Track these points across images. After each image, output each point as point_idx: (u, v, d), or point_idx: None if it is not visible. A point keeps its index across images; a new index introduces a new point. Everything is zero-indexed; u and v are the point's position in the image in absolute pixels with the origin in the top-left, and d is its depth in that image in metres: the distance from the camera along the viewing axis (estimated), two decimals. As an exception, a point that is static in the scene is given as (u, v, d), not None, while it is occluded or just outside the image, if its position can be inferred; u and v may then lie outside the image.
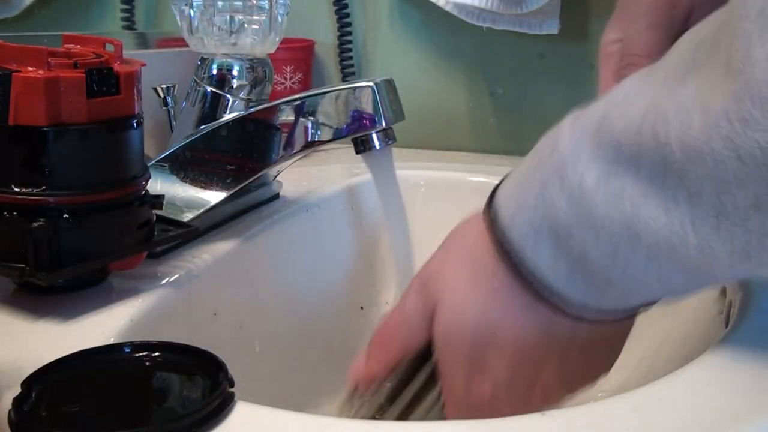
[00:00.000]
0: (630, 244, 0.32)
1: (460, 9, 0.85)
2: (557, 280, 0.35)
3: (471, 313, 0.38)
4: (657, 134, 0.30)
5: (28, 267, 0.41)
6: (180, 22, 0.59)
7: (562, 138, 0.35)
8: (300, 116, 0.56)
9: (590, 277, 0.34)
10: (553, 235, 0.34)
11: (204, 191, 0.57)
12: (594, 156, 0.33)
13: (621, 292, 0.35)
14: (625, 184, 0.32)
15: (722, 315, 0.49)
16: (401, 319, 0.42)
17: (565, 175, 0.34)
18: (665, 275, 0.33)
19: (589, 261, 0.34)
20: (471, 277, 0.39)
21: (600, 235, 0.33)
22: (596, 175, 0.32)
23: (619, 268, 0.33)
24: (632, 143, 0.31)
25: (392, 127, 0.55)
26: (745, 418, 0.34)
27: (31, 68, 0.41)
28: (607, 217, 0.32)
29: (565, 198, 0.34)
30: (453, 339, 0.39)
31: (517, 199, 0.36)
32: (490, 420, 0.34)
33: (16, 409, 0.32)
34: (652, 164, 0.31)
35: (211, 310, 0.53)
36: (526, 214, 0.35)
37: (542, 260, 0.35)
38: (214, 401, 0.33)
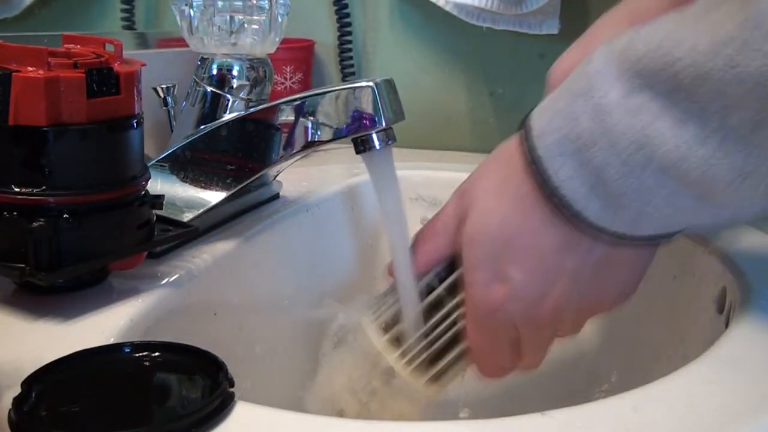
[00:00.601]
0: (645, 153, 0.35)
1: (460, 9, 0.85)
2: (577, 193, 0.38)
3: (494, 218, 0.42)
4: (672, 55, 0.33)
5: (28, 267, 0.41)
6: (180, 22, 0.59)
7: (596, 56, 0.37)
8: (300, 116, 0.56)
9: (607, 190, 0.37)
10: (575, 148, 0.37)
11: (204, 191, 0.57)
12: (619, 74, 0.36)
13: (634, 212, 0.37)
14: (643, 100, 0.34)
15: (722, 315, 0.49)
16: (438, 224, 0.46)
17: (591, 90, 0.36)
18: (675, 194, 0.35)
19: (608, 168, 0.36)
20: (500, 187, 0.42)
21: (619, 143, 0.35)
22: (619, 92, 0.35)
23: (634, 177, 0.36)
24: (650, 62, 0.34)
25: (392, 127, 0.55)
26: (745, 418, 0.34)
27: (31, 68, 0.41)
28: (625, 129, 0.35)
29: (591, 109, 0.36)
30: (475, 241, 0.42)
31: (550, 111, 0.39)
32: (491, 420, 0.34)
33: (16, 409, 0.32)
34: (667, 81, 0.34)
35: (211, 310, 0.53)
36: (554, 128, 0.38)
37: (564, 173, 0.38)
38: (214, 401, 0.33)
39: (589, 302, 0.43)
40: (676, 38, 0.33)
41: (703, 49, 0.32)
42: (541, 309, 0.42)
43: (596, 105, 0.36)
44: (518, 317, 0.43)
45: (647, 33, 0.35)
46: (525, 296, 0.42)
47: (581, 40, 0.51)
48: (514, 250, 0.41)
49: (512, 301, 0.42)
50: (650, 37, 0.35)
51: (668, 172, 0.35)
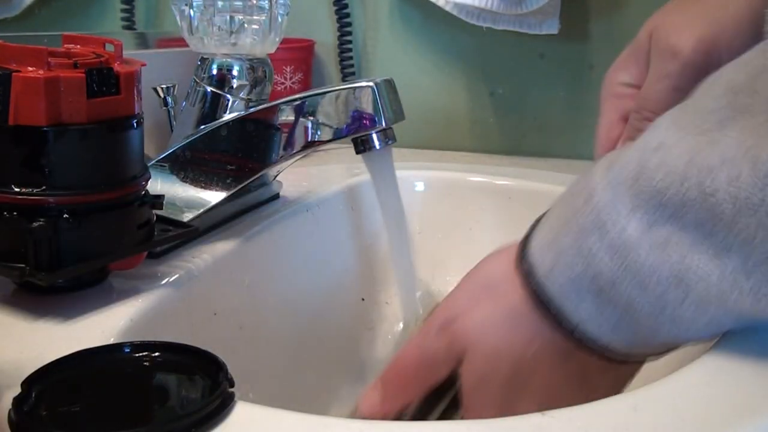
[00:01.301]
0: (679, 293, 0.32)
1: (460, 9, 0.85)
2: (600, 330, 0.35)
3: (506, 361, 0.38)
4: (702, 185, 0.30)
5: (28, 267, 0.41)
6: (180, 22, 0.59)
7: (597, 187, 0.34)
8: (300, 116, 0.56)
9: (636, 326, 0.34)
10: (595, 287, 0.34)
11: (204, 191, 0.57)
12: (634, 206, 0.32)
13: (668, 338, 0.35)
14: (671, 234, 0.31)
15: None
16: (422, 358, 0.41)
17: (605, 225, 0.33)
18: (716, 320, 0.33)
19: (635, 311, 0.33)
20: (505, 324, 0.38)
21: (647, 285, 0.32)
22: (638, 226, 0.32)
23: (667, 317, 0.33)
24: (675, 193, 0.31)
25: (392, 127, 0.55)
26: (745, 418, 0.34)
27: (31, 68, 0.41)
28: (654, 267, 0.32)
29: (606, 249, 0.33)
30: (485, 385, 0.39)
31: (553, 251, 0.36)
32: (490, 420, 0.34)
33: (16, 409, 0.32)
34: (698, 213, 0.30)
35: (211, 310, 0.53)
36: (565, 268, 0.35)
37: (585, 312, 0.35)
38: (214, 401, 0.33)
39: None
40: (703, 168, 0.30)
41: (745, 184, 0.29)
42: None
43: (613, 242, 0.33)
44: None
45: (661, 161, 0.32)
46: None
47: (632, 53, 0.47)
48: (528, 390, 0.38)
49: None
50: (667, 167, 0.31)
51: (709, 306, 0.32)
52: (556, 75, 0.90)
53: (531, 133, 0.92)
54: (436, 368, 0.40)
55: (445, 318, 0.40)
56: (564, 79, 0.89)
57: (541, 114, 0.91)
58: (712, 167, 0.30)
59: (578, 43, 0.88)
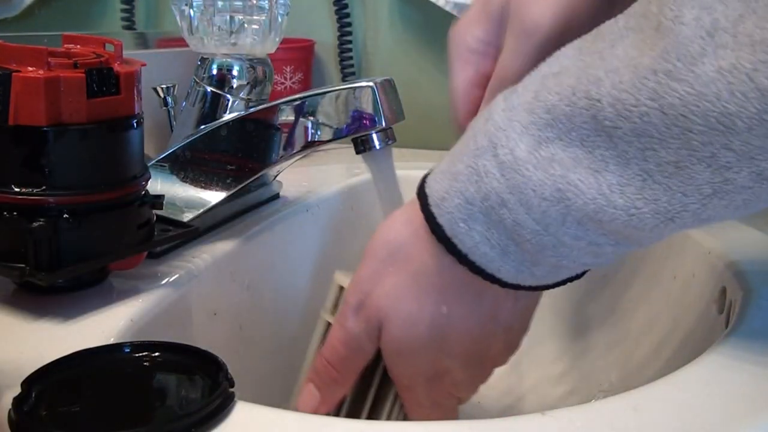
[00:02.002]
0: (560, 209, 0.33)
1: (460, 9, 0.85)
2: (491, 251, 0.35)
3: (421, 324, 0.39)
4: (589, 93, 0.31)
5: (28, 267, 0.41)
6: (180, 22, 0.59)
7: (496, 109, 0.35)
8: (300, 116, 0.56)
9: (523, 245, 0.35)
10: (485, 204, 0.35)
11: (204, 191, 0.57)
12: (527, 124, 0.33)
13: (554, 260, 0.35)
14: (557, 149, 0.32)
15: (722, 315, 0.49)
16: (346, 344, 0.41)
17: (498, 143, 0.34)
18: (594, 240, 0.34)
19: (521, 228, 0.34)
20: (413, 288, 0.39)
21: (531, 201, 0.33)
22: (528, 142, 0.33)
23: (551, 235, 0.34)
24: (566, 104, 0.32)
25: (392, 127, 0.55)
26: (745, 418, 0.34)
27: (31, 68, 0.41)
28: (539, 183, 0.33)
29: (498, 165, 0.34)
30: (406, 352, 0.40)
31: (449, 172, 0.36)
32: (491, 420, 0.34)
33: (16, 409, 0.32)
34: (583, 124, 0.31)
35: (211, 310, 0.53)
36: (459, 185, 0.35)
37: (476, 232, 0.35)
38: (214, 401, 0.33)
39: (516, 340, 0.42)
40: (591, 79, 0.31)
41: (625, 86, 0.30)
42: (483, 371, 0.42)
43: (503, 162, 0.34)
44: (464, 392, 0.42)
45: (556, 82, 0.33)
46: (468, 376, 0.41)
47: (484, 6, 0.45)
48: (448, 346, 0.39)
49: (459, 386, 0.41)
50: (561, 85, 0.32)
51: (586, 225, 0.33)
52: (556, 75, 0.89)
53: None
54: (360, 349, 0.41)
55: (357, 299, 0.41)
56: (564, 79, 0.89)
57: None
58: (599, 78, 0.31)
59: (578, 43, 0.88)
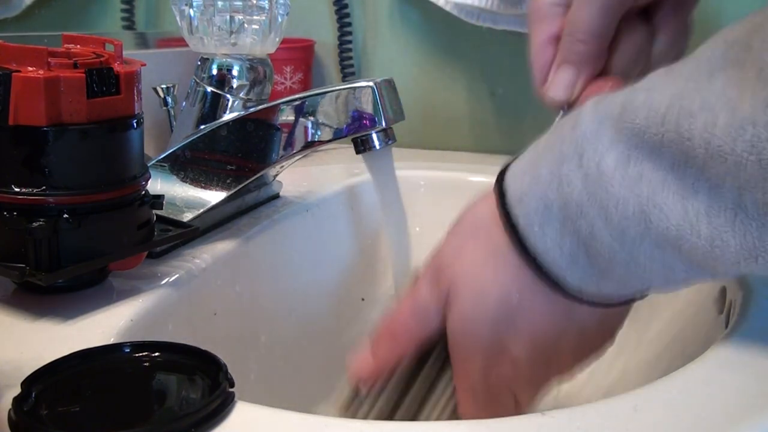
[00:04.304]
0: (641, 229, 0.32)
1: (460, 9, 0.85)
2: (560, 258, 0.35)
3: (491, 300, 0.38)
4: (680, 128, 0.31)
5: (28, 267, 0.41)
6: (180, 22, 0.59)
7: (584, 118, 0.35)
8: (300, 116, 0.56)
9: (594, 258, 0.35)
10: (563, 212, 0.35)
11: (204, 191, 0.57)
12: (615, 139, 0.33)
13: (622, 277, 0.35)
14: (645, 170, 0.32)
15: (722, 315, 0.49)
16: (413, 309, 0.41)
17: (585, 153, 0.34)
18: (670, 263, 0.33)
19: (596, 242, 0.34)
20: (488, 263, 0.38)
21: (611, 216, 0.33)
22: (616, 158, 0.33)
23: (625, 252, 0.33)
24: (655, 132, 0.31)
25: (392, 127, 0.55)
26: (745, 418, 0.34)
27: (31, 68, 0.41)
28: (622, 199, 0.33)
29: (582, 176, 0.34)
30: (471, 326, 0.39)
31: (530, 173, 0.37)
32: (491, 420, 0.34)
33: (16, 409, 0.32)
34: (673, 155, 0.31)
35: (211, 310, 0.53)
36: (539, 189, 0.36)
37: (549, 237, 0.35)
38: (214, 401, 0.33)
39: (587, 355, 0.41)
40: (683, 112, 0.31)
41: (719, 132, 0.29)
42: (546, 375, 0.40)
43: (587, 173, 0.33)
44: (522, 389, 0.41)
45: (645, 101, 0.32)
46: (531, 371, 0.40)
47: None
48: (515, 327, 0.38)
49: (518, 378, 0.40)
50: (650, 109, 0.32)
51: (665, 248, 0.32)
52: (556, 75, 0.89)
53: (531, 133, 0.92)
54: (427, 319, 0.41)
55: (435, 269, 0.40)
56: (564, 79, 0.89)
57: (541, 114, 0.91)
58: (691, 112, 0.30)
59: (578, 43, 0.88)
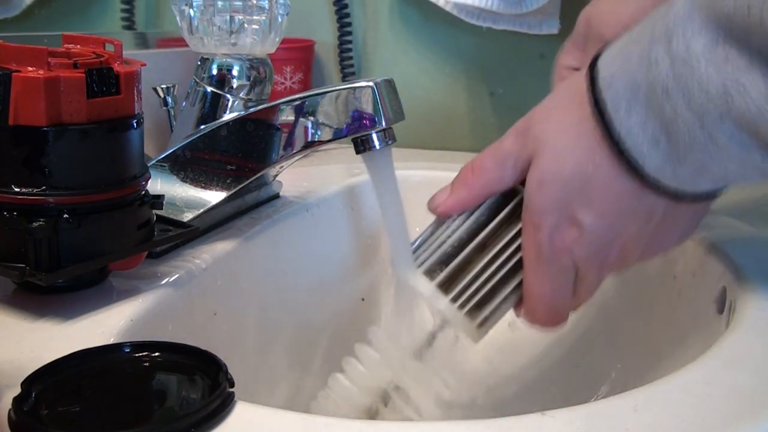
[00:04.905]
0: (721, 105, 0.34)
1: (460, 9, 0.85)
2: (642, 142, 0.37)
3: (569, 161, 0.40)
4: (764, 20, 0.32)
5: (28, 267, 0.41)
6: (180, 22, 0.59)
7: (677, 3, 0.36)
8: (300, 116, 0.56)
9: (675, 141, 0.36)
10: (648, 95, 0.36)
11: (204, 191, 0.57)
12: (705, 24, 0.34)
13: (701, 160, 0.36)
14: (730, 52, 0.33)
15: (722, 315, 0.49)
16: (497, 155, 0.44)
17: (674, 36, 0.35)
18: (746, 144, 0.34)
19: (678, 122, 0.35)
20: (575, 129, 0.40)
21: (694, 93, 0.34)
22: (705, 41, 0.34)
23: (705, 130, 0.35)
24: (741, 21, 0.33)
25: (392, 127, 0.55)
26: (745, 418, 0.34)
27: (31, 68, 0.41)
28: (706, 77, 0.34)
29: (670, 58, 0.35)
30: (547, 183, 0.41)
31: (622, 57, 0.38)
32: (491, 420, 0.34)
33: (16, 409, 0.32)
34: (760, 40, 0.32)
35: (211, 310, 0.53)
36: (628, 71, 0.37)
37: (633, 120, 0.37)
38: (214, 401, 0.33)
39: (653, 246, 0.42)
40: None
41: None
42: (609, 253, 0.42)
43: (676, 53, 0.35)
44: (584, 260, 0.42)
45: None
46: (595, 240, 0.41)
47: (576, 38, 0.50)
48: (587, 195, 0.40)
49: (581, 245, 0.41)
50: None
51: (743, 127, 0.34)
52: (556, 75, 0.89)
53: (531, 133, 0.92)
54: (505, 168, 0.43)
55: (523, 125, 0.43)
56: (564, 79, 0.89)
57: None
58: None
59: (578, 43, 0.88)
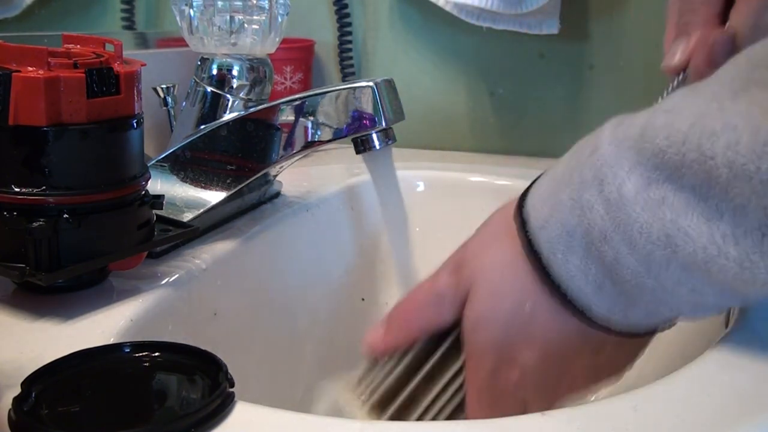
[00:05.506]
0: (666, 252, 0.32)
1: (460, 9, 0.85)
2: (585, 286, 0.35)
3: (507, 302, 0.38)
4: (702, 147, 0.30)
5: (28, 267, 0.41)
6: (180, 22, 0.59)
7: (603, 142, 0.34)
8: (300, 116, 0.56)
9: (621, 285, 0.34)
10: (586, 240, 0.34)
11: (204, 191, 0.57)
12: (635, 162, 0.32)
13: (650, 304, 0.34)
14: (667, 193, 0.31)
15: (722, 315, 0.49)
16: (431, 295, 0.42)
17: (605, 179, 0.33)
18: (698, 288, 0.33)
19: (621, 268, 0.33)
20: (509, 267, 0.38)
21: (636, 242, 0.32)
22: (637, 182, 0.32)
23: (652, 277, 0.33)
24: (675, 153, 0.31)
25: (392, 127, 0.55)
26: (745, 418, 0.34)
27: (31, 68, 0.41)
28: (646, 224, 0.32)
29: (603, 202, 0.33)
30: (485, 324, 0.39)
31: (551, 201, 0.36)
32: (491, 420, 0.34)
33: (16, 409, 0.32)
34: (695, 176, 0.30)
35: (211, 310, 0.53)
36: (560, 216, 0.35)
37: (573, 264, 0.35)
38: (214, 401, 0.33)
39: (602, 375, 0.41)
40: (705, 132, 0.30)
41: (742, 150, 0.29)
42: (556, 389, 0.40)
43: (608, 198, 0.33)
44: (530, 397, 0.40)
45: (666, 122, 0.32)
46: (540, 380, 0.39)
47: None
48: (527, 335, 0.38)
49: (525, 387, 0.40)
50: (671, 128, 0.31)
51: (692, 272, 0.32)
52: (556, 75, 0.90)
53: (531, 133, 0.92)
54: (442, 307, 0.41)
55: (457, 261, 0.41)
56: (564, 79, 0.89)
57: (541, 114, 0.91)
58: (714, 131, 0.30)
59: (578, 43, 0.88)
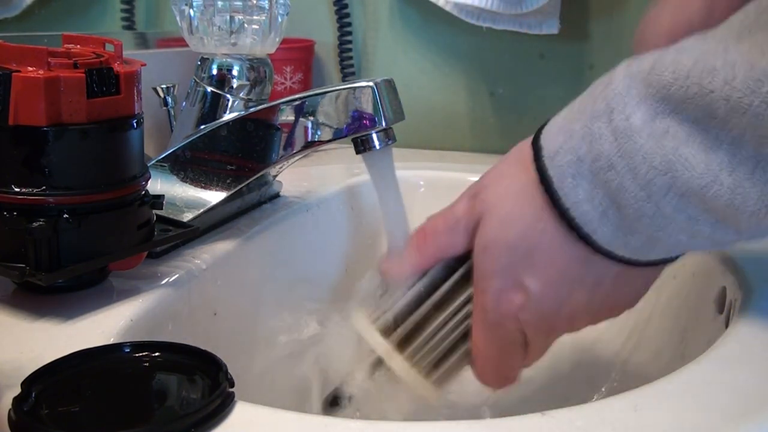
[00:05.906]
0: (667, 179, 0.34)
1: (459, 9, 0.85)
2: (591, 211, 0.37)
3: (514, 227, 0.40)
4: (703, 82, 0.32)
5: (28, 267, 0.41)
6: (180, 22, 0.59)
7: (616, 77, 0.36)
8: (300, 116, 0.56)
9: (623, 210, 0.36)
10: (594, 167, 0.36)
11: (204, 191, 0.57)
12: (645, 95, 0.35)
13: (650, 231, 0.36)
14: (671, 124, 0.34)
15: (722, 315, 0.49)
16: (447, 221, 0.44)
17: (615, 110, 0.36)
18: (694, 215, 0.35)
19: (624, 194, 0.35)
20: (520, 194, 0.41)
21: (639, 168, 0.35)
22: (644, 113, 0.34)
23: (652, 202, 0.35)
24: (680, 87, 0.33)
25: (392, 127, 0.55)
26: (745, 418, 0.34)
27: (31, 68, 0.41)
28: (649, 152, 0.34)
29: (611, 132, 0.36)
30: (493, 248, 0.41)
31: (565, 131, 0.38)
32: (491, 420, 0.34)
33: (16, 409, 0.32)
34: (697, 109, 0.33)
35: (211, 310, 0.53)
36: (572, 144, 0.37)
37: (581, 189, 0.37)
38: (214, 401, 0.33)
39: (603, 310, 0.42)
40: (706, 68, 0.32)
41: (738, 85, 0.31)
42: (556, 319, 0.42)
43: (617, 127, 0.35)
44: (531, 326, 0.42)
45: (674, 59, 0.34)
46: (541, 307, 0.41)
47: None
48: (532, 261, 0.40)
49: (527, 311, 0.41)
50: (678, 64, 0.33)
51: (690, 199, 0.34)
52: (556, 75, 0.90)
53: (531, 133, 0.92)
54: (456, 233, 0.44)
55: (475, 189, 0.44)
56: (564, 79, 0.89)
57: (541, 114, 0.91)
58: (714, 68, 0.32)
59: (578, 43, 0.88)
